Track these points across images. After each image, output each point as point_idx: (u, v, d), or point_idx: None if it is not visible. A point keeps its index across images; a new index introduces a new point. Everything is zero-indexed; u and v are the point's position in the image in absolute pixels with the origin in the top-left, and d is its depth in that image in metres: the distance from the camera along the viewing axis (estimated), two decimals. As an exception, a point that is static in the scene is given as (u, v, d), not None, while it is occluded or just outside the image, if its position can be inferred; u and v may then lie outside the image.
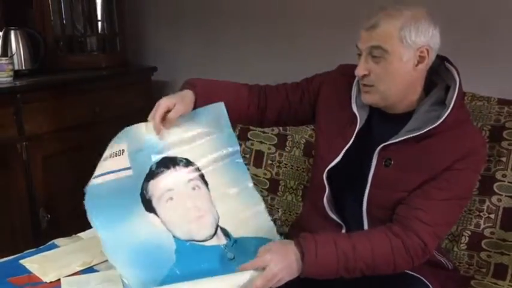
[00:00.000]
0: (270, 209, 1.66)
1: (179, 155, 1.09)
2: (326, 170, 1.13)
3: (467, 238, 1.37)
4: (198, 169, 1.10)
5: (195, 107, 1.12)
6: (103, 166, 1.04)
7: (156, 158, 1.07)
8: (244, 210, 1.12)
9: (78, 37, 2.27)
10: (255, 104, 1.23)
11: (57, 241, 1.28)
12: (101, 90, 2.16)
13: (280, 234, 1.16)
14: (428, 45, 1.03)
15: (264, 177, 1.74)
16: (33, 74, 2.06)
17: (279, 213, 1.69)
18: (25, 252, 1.22)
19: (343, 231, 1.14)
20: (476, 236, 1.37)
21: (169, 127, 1.08)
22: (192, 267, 1.03)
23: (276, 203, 1.71)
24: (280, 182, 1.72)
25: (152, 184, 1.06)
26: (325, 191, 1.14)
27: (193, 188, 1.09)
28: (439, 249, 1.17)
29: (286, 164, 1.73)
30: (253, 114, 1.23)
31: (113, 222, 1.01)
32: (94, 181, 1.02)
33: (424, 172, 1.04)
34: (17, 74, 1.99)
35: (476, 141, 1.06)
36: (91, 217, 1.00)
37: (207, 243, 1.06)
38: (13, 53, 1.99)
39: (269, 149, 1.76)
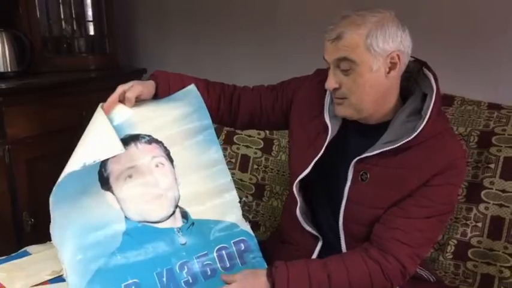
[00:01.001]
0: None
1: (143, 132, 1.05)
2: (296, 182, 1.09)
3: (453, 247, 1.33)
4: (163, 145, 1.06)
5: (157, 96, 1.09)
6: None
7: (118, 136, 1.01)
8: (211, 192, 1.07)
9: (66, 39, 2.24)
10: (227, 103, 1.19)
11: (29, 248, 1.25)
12: (89, 92, 2.12)
13: (247, 219, 1.11)
14: (399, 49, 0.97)
15: (249, 182, 1.71)
16: (19, 76, 2.03)
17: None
18: (-5, 259, 1.19)
19: (320, 243, 1.11)
20: (462, 245, 1.32)
21: (129, 106, 1.04)
22: (136, 252, 0.99)
23: (261, 209, 1.68)
24: (266, 187, 1.69)
25: (111, 162, 1.02)
26: (297, 204, 1.10)
27: (157, 165, 1.05)
28: (420, 263, 1.11)
29: (272, 169, 1.69)
30: (224, 113, 1.19)
31: (65, 200, 0.97)
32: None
33: (401, 188, 1.00)
34: (3, 77, 1.97)
35: (455, 154, 1.01)
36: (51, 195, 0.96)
37: (159, 225, 1.02)
38: (-2, 55, 1.97)
39: (255, 153, 1.72)
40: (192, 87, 1.11)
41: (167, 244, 1.01)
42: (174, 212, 1.04)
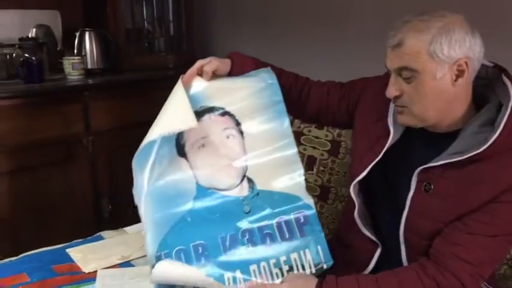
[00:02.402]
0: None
1: (217, 105, 1.09)
2: (353, 184, 1.06)
3: (529, 266, 1.24)
4: (235, 118, 1.10)
5: (231, 74, 1.12)
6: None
7: (194, 107, 1.06)
8: (277, 165, 1.09)
9: (148, 38, 2.37)
10: (297, 93, 1.19)
11: (103, 233, 1.34)
12: (167, 89, 2.22)
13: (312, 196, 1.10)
14: (467, 56, 0.90)
15: (314, 184, 1.70)
16: (103, 73, 2.19)
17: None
18: (73, 241, 1.29)
19: (379, 250, 1.08)
20: (540, 264, 1.22)
21: (206, 79, 1.08)
22: (204, 216, 1.05)
23: (325, 211, 1.67)
24: (331, 189, 1.67)
25: (187, 131, 1.06)
26: (355, 206, 1.07)
27: (228, 137, 1.08)
28: (490, 280, 1.04)
29: (338, 172, 1.67)
30: (292, 103, 1.17)
31: (145, 163, 1.04)
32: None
33: (466, 202, 0.93)
34: (90, 73, 2.13)
35: None
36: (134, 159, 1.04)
37: (227, 193, 1.07)
38: (86, 53, 2.13)
39: (322, 154, 1.71)
40: (267, 68, 1.14)
41: (232, 211, 1.05)
42: (241, 182, 1.07)
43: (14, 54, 2.01)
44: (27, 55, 1.94)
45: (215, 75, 1.10)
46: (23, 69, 1.90)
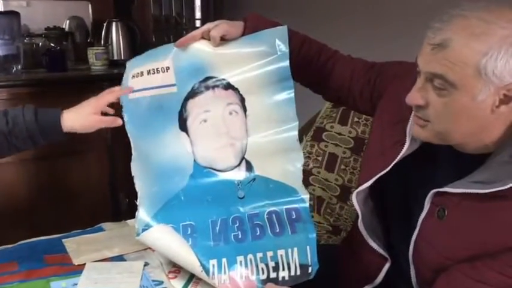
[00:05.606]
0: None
1: (221, 76, 1.01)
2: (356, 192, 0.93)
3: None
4: (239, 92, 1.02)
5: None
6: (145, 81, 1.03)
7: (199, 77, 1.01)
8: (278, 149, 1.01)
9: (176, 30, 2.34)
10: (319, 65, 1.06)
11: (104, 225, 1.29)
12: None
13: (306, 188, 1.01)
14: None
15: (335, 183, 1.59)
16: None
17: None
18: (71, 232, 1.25)
19: (387, 264, 0.95)
20: None
21: (214, 45, 0.98)
22: (197, 196, 1.00)
23: (344, 213, 1.56)
24: (352, 190, 1.55)
25: (191, 103, 1.01)
26: (358, 216, 0.95)
27: (230, 113, 1.01)
28: None
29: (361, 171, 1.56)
30: (313, 75, 1.06)
31: (147, 135, 1.02)
32: (135, 94, 1.03)
33: (482, 243, 0.78)
34: (115, 64, 2.12)
35: None
36: (129, 126, 1.03)
37: (223, 175, 1.02)
38: (112, 43, 2.12)
39: (344, 152, 1.60)
40: (282, 28, 1.00)
41: (226, 195, 1.01)
42: (239, 164, 1.02)
43: (40, 44, 2.03)
44: (52, 44, 1.95)
45: (224, 40, 0.99)
46: (45, 58, 1.91)
